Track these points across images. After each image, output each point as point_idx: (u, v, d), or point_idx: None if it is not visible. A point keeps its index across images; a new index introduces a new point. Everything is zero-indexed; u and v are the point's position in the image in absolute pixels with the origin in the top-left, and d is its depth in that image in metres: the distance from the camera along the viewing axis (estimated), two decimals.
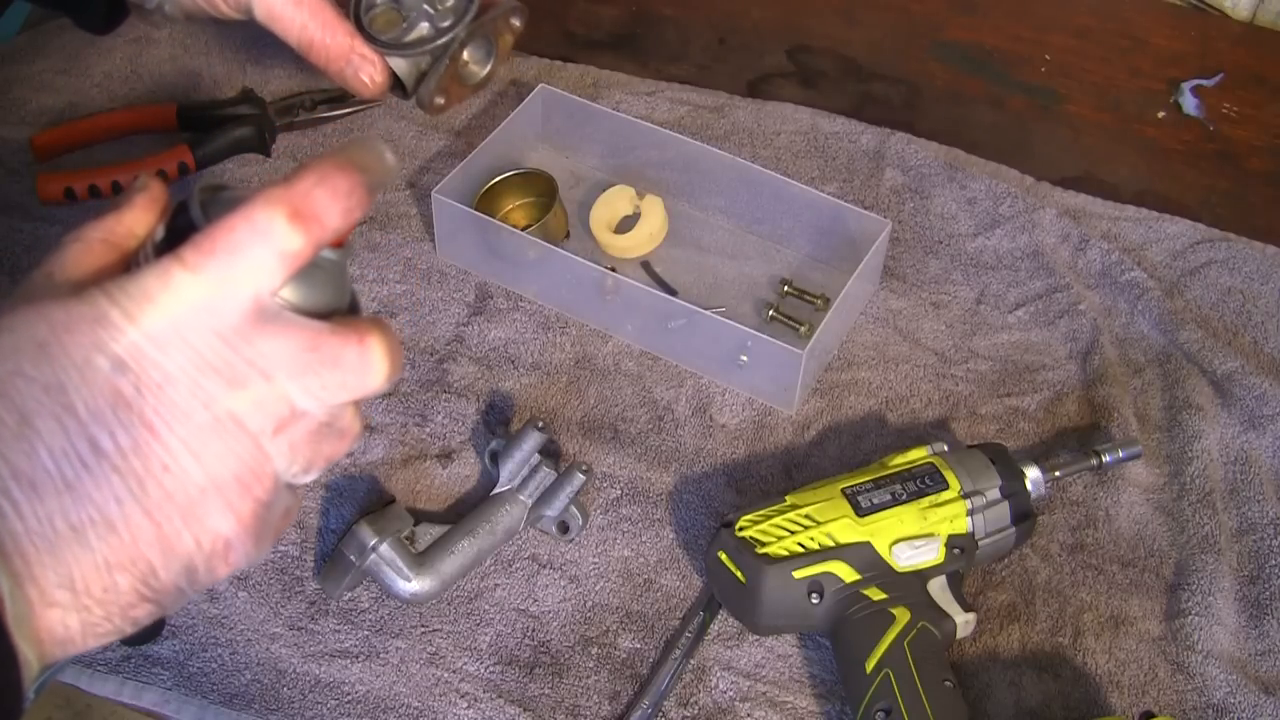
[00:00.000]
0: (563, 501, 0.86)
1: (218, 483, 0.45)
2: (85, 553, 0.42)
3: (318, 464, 0.49)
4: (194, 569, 0.46)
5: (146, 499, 0.43)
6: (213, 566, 0.46)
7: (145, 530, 0.43)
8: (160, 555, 0.44)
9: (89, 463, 0.42)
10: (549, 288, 1.00)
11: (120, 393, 0.43)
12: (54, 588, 0.42)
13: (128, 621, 0.45)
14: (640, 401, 0.95)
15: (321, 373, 0.46)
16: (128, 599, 0.44)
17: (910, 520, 0.81)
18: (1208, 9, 1.29)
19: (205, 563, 0.46)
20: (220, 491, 0.45)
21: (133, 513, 0.43)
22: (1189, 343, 0.99)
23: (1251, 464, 0.93)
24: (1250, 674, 0.83)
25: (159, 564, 0.44)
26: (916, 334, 1.01)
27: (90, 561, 0.42)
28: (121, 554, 0.43)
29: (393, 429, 0.93)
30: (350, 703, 0.80)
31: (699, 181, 1.06)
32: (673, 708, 0.81)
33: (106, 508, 0.43)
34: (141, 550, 0.44)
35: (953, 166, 1.11)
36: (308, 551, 0.86)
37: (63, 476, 0.42)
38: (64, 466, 0.42)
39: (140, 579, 0.44)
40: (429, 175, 1.09)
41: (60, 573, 0.42)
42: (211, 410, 0.44)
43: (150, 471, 0.43)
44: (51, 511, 0.42)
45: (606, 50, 1.23)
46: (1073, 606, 0.86)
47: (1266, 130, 1.17)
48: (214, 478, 0.45)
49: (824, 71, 1.22)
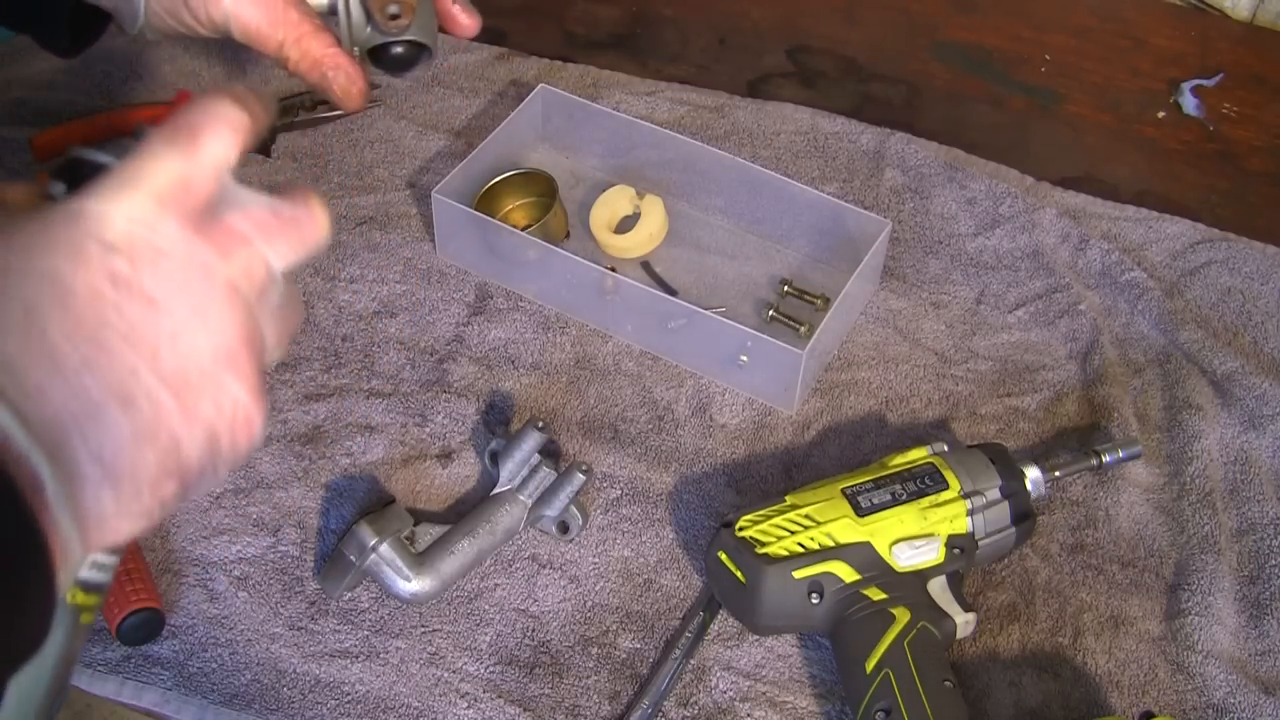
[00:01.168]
0: (563, 501, 0.86)
1: (226, 349, 0.47)
2: (110, 427, 0.43)
3: (284, 339, 0.52)
4: (216, 439, 0.47)
5: (161, 368, 0.44)
6: (235, 438, 0.48)
7: (164, 400, 0.45)
8: (183, 425, 0.45)
9: (99, 338, 0.43)
10: (549, 288, 1.00)
11: (116, 272, 0.44)
12: (86, 463, 0.42)
13: (157, 501, 0.45)
14: (640, 401, 0.95)
15: (286, 232, 0.50)
16: (155, 473, 0.45)
17: (910, 520, 0.81)
18: (1208, 9, 1.29)
19: (228, 432, 0.47)
20: (230, 358, 0.47)
21: (150, 384, 0.44)
22: (1189, 343, 0.99)
23: (1251, 464, 0.93)
24: (1250, 674, 0.83)
25: (182, 434, 0.45)
26: (916, 334, 1.01)
27: (116, 436, 0.43)
28: (144, 426, 0.44)
29: (393, 429, 0.93)
30: (350, 703, 0.80)
31: (699, 181, 1.06)
32: (673, 708, 0.81)
33: (125, 381, 0.44)
34: (164, 421, 0.45)
35: (953, 166, 1.11)
36: (308, 551, 0.86)
37: (78, 355, 0.43)
38: (77, 345, 0.43)
39: (165, 452, 0.45)
40: (429, 175, 1.09)
41: (90, 448, 0.43)
42: (208, 279, 0.46)
43: (160, 341, 0.45)
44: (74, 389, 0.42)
45: (606, 50, 1.23)
46: (1073, 606, 0.86)
47: (1266, 130, 1.17)
48: (221, 344, 0.46)
49: (824, 71, 1.22)
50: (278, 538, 0.87)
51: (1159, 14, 1.28)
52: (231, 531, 0.87)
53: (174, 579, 0.85)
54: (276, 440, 0.92)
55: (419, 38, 0.70)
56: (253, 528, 0.87)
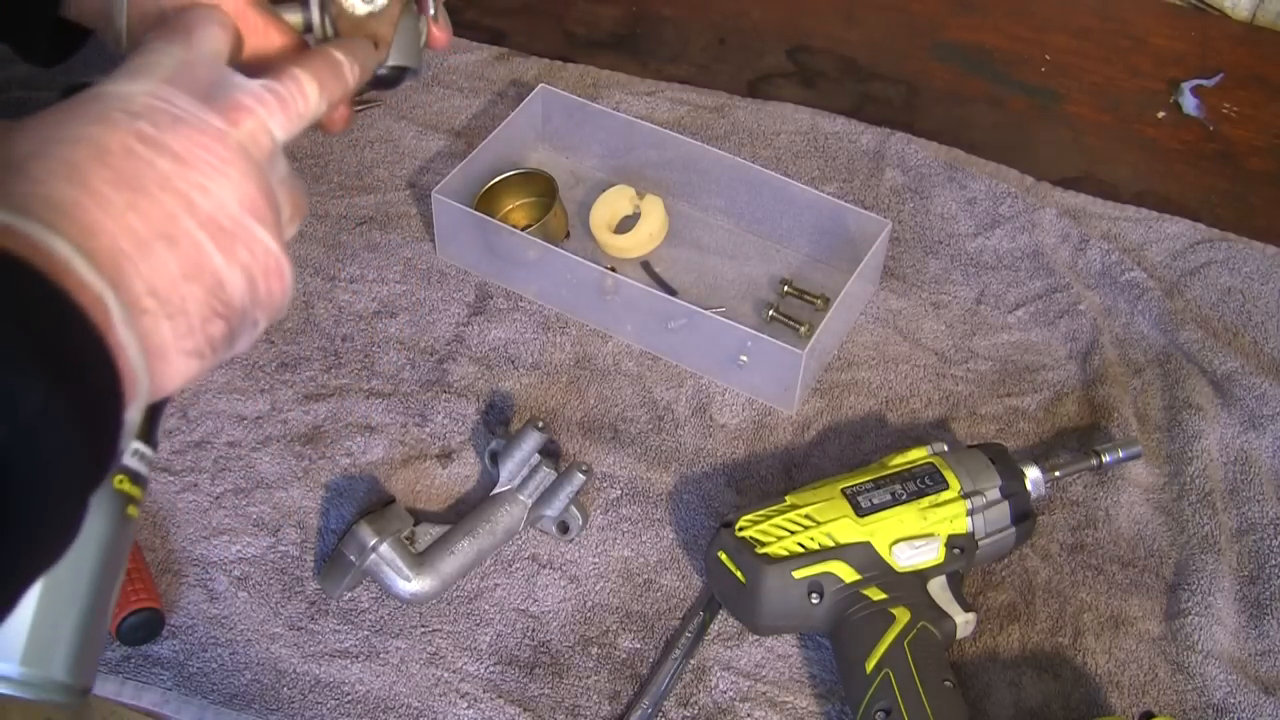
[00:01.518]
0: (563, 501, 0.86)
1: (250, 201, 0.52)
2: (161, 263, 0.48)
3: (295, 215, 0.57)
4: (254, 282, 0.52)
5: (197, 212, 0.49)
6: (269, 284, 0.53)
7: (203, 241, 0.49)
8: (224, 265, 0.50)
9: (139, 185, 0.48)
10: (549, 288, 1.00)
11: (143, 133, 0.49)
12: (143, 295, 0.47)
13: (207, 340, 0.50)
14: (640, 401, 0.95)
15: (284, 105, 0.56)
16: (203, 310, 0.49)
17: (910, 520, 0.81)
18: (1208, 9, 1.29)
19: (263, 277, 0.52)
20: (254, 211, 0.52)
21: (189, 225, 0.49)
22: (1189, 343, 0.99)
23: (1251, 464, 0.93)
24: (1250, 674, 0.83)
25: (224, 274, 0.50)
26: (916, 334, 1.01)
27: (166, 270, 0.48)
28: (190, 263, 0.49)
29: (393, 429, 0.93)
30: (350, 703, 0.80)
31: (699, 181, 1.06)
32: (673, 708, 0.81)
33: (166, 222, 0.48)
34: (206, 259, 0.49)
35: (953, 166, 1.11)
36: (308, 551, 0.86)
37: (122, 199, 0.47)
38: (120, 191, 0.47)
39: (210, 290, 0.50)
40: (429, 175, 1.09)
41: (144, 281, 0.47)
42: (223, 143, 0.52)
43: (191, 190, 0.50)
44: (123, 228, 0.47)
45: (606, 50, 1.23)
46: (1073, 606, 0.86)
47: (1266, 130, 1.17)
48: (244, 197, 0.51)
49: (824, 71, 1.22)
50: (278, 538, 0.87)
51: (1159, 14, 1.28)
52: (231, 531, 0.87)
53: (174, 579, 0.85)
54: (276, 440, 0.92)
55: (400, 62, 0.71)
56: (253, 528, 0.87)
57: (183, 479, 0.89)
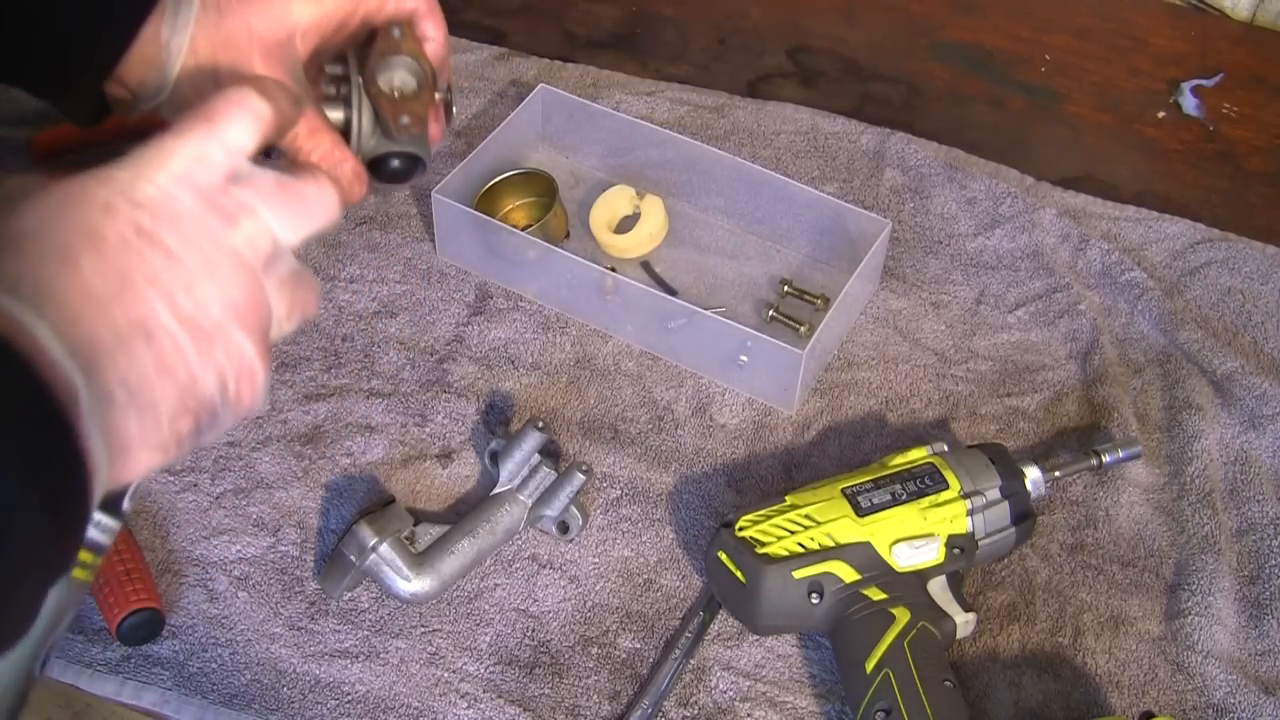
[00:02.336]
0: (563, 501, 0.86)
1: (233, 305, 0.52)
2: (136, 356, 0.48)
3: (295, 313, 0.56)
4: (225, 384, 0.52)
5: (179, 310, 0.50)
6: (240, 388, 0.52)
7: (182, 339, 0.50)
8: (198, 364, 0.50)
9: (126, 278, 0.48)
10: (549, 288, 1.00)
11: (140, 225, 0.49)
12: (115, 386, 0.47)
13: (175, 435, 0.50)
14: (640, 401, 0.95)
15: (291, 205, 0.55)
16: (175, 406, 0.49)
17: (910, 520, 0.81)
18: (1208, 9, 1.29)
19: (235, 381, 0.52)
20: (237, 313, 0.52)
21: (169, 322, 0.49)
22: (1189, 343, 0.99)
23: (1251, 464, 0.93)
24: (1250, 674, 0.83)
25: (198, 373, 0.50)
26: (916, 334, 1.01)
27: (141, 365, 0.48)
28: (165, 360, 0.49)
29: (393, 429, 0.93)
30: (350, 703, 0.80)
31: (699, 181, 1.06)
32: (673, 708, 0.81)
33: (147, 317, 0.49)
34: (182, 357, 0.50)
35: (953, 166, 1.11)
36: (308, 551, 0.86)
37: (108, 289, 0.48)
38: (107, 281, 0.48)
39: (183, 388, 0.50)
40: (429, 175, 1.08)
41: (118, 372, 0.47)
42: (217, 244, 0.52)
43: (176, 287, 0.50)
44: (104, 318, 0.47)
45: (606, 50, 1.23)
46: (1073, 606, 0.86)
47: (1266, 130, 1.17)
48: (229, 300, 0.51)
49: (824, 71, 1.22)
50: (278, 538, 0.87)
51: (1159, 14, 1.28)
52: (231, 531, 0.87)
53: (174, 579, 0.85)
54: (276, 440, 0.92)
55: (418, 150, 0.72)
56: (253, 528, 0.87)
57: (182, 479, 0.89)
